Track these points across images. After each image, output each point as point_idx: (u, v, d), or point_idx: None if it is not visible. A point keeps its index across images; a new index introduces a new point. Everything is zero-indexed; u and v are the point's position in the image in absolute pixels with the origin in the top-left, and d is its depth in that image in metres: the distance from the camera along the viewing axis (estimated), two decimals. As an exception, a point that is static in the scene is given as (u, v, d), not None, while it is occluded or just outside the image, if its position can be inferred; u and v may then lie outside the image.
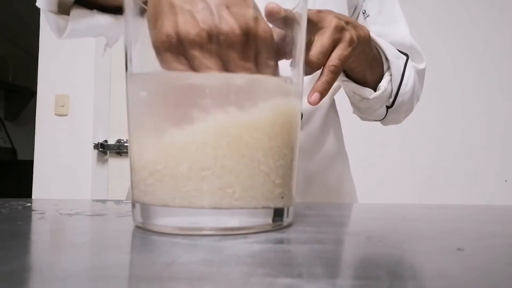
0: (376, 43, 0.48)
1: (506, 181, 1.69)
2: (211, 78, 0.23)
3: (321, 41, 0.37)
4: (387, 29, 0.58)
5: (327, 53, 0.37)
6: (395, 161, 1.68)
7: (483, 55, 1.73)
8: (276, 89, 0.24)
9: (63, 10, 0.46)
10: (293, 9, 0.25)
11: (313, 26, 0.37)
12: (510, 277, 0.14)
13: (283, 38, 0.26)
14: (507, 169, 1.69)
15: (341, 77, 0.50)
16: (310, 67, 0.37)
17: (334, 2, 0.55)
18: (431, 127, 1.68)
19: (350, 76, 0.50)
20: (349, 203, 0.51)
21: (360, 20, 0.60)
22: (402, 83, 0.51)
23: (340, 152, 0.61)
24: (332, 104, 0.61)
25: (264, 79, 0.24)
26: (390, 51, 0.50)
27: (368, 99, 0.50)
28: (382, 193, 1.45)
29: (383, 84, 0.50)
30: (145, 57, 0.25)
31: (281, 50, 0.26)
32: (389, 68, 0.50)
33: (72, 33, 0.47)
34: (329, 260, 0.16)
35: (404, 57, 0.53)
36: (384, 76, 0.50)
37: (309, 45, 0.37)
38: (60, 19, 0.46)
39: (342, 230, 0.24)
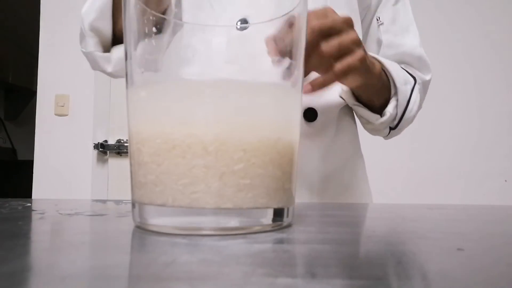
0: (387, 70, 0.51)
1: (506, 181, 1.69)
2: (211, 80, 0.23)
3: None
4: (399, 39, 0.60)
5: (325, 16, 0.39)
6: (395, 161, 1.68)
7: (483, 56, 1.73)
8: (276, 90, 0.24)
9: (106, 48, 0.55)
10: (293, 9, 0.25)
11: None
12: (510, 277, 0.14)
13: (284, 39, 0.26)
14: (507, 169, 1.69)
15: (352, 101, 0.53)
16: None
17: (344, 3, 0.56)
18: (431, 127, 1.68)
19: (357, 98, 0.53)
20: (350, 203, 0.51)
21: (374, 27, 0.62)
22: (407, 109, 0.53)
23: (356, 153, 0.62)
24: (347, 105, 0.62)
25: (264, 81, 0.24)
26: (399, 78, 0.52)
27: (374, 123, 0.53)
28: (382, 193, 1.45)
29: (389, 110, 0.52)
30: (145, 58, 0.25)
31: (281, 50, 0.26)
32: (396, 93, 0.52)
33: (121, 60, 0.52)
34: (329, 260, 0.16)
35: (412, 82, 0.55)
36: (391, 101, 0.52)
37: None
38: (105, 55, 0.54)
39: (342, 230, 0.24)
